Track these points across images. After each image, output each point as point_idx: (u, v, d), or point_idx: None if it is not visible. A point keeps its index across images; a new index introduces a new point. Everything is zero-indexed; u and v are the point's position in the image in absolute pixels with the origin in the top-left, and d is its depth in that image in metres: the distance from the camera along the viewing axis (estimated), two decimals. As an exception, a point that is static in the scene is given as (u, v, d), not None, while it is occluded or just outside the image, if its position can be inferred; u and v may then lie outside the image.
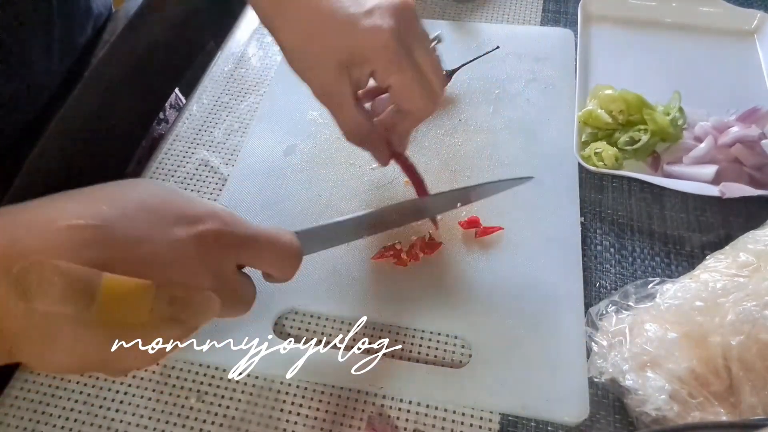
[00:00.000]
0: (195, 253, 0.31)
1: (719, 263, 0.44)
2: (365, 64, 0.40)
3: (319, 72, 0.41)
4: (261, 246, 0.35)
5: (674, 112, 0.55)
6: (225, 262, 0.33)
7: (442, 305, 0.47)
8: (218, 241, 0.32)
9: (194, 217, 0.32)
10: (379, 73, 0.40)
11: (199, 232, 0.31)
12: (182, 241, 0.31)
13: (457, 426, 0.42)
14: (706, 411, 0.38)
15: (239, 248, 0.34)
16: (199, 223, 0.32)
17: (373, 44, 0.39)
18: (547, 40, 0.66)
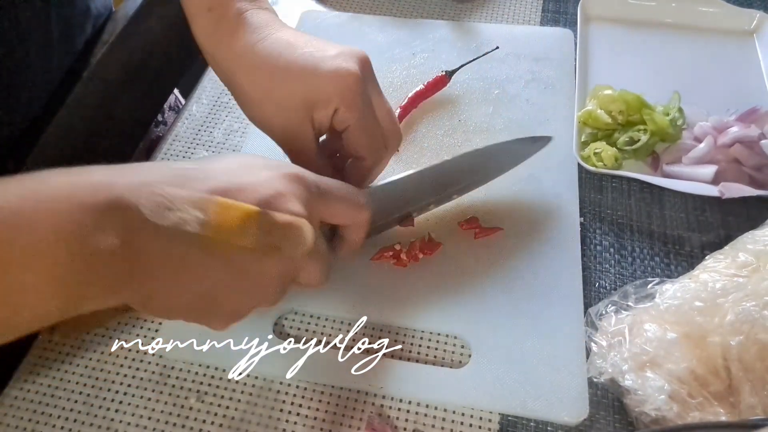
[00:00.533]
0: (285, 186, 0.35)
1: (719, 263, 0.44)
2: (330, 103, 0.42)
3: (282, 117, 0.43)
4: (333, 189, 0.39)
5: (674, 113, 0.55)
6: (309, 199, 0.37)
7: (442, 305, 0.47)
8: (300, 181, 0.37)
9: (277, 165, 0.37)
10: (341, 113, 0.42)
11: (283, 173, 0.36)
12: (273, 177, 0.35)
13: (457, 426, 0.42)
14: (706, 411, 0.38)
15: (317, 191, 0.38)
16: (282, 167, 0.37)
17: (339, 83, 0.41)
18: (547, 40, 0.66)
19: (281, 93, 0.42)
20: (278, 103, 0.43)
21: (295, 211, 0.35)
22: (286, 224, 0.34)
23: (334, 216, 0.40)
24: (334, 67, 0.42)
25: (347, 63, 0.42)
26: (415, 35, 0.68)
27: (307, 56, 0.42)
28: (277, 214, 0.34)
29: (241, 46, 0.43)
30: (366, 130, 0.44)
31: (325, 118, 0.43)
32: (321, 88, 0.42)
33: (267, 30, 0.44)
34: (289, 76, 0.42)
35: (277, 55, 0.42)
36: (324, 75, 0.41)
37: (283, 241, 0.34)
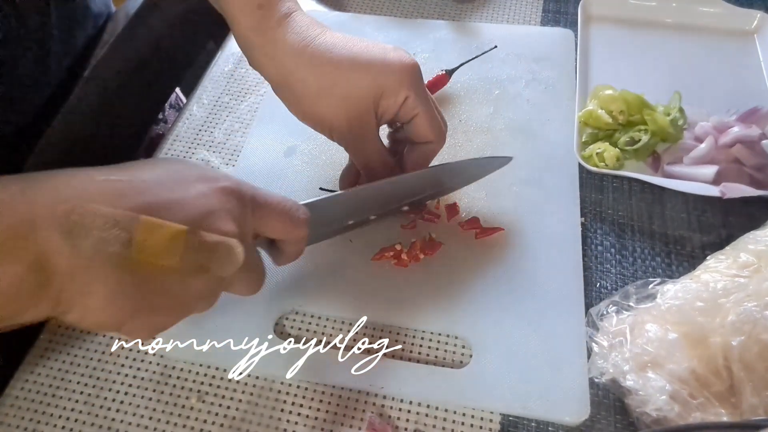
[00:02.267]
0: (217, 203, 0.34)
1: (720, 263, 0.44)
2: (400, 92, 0.43)
3: (346, 108, 0.43)
4: (270, 206, 0.38)
5: (674, 113, 0.55)
6: (243, 216, 0.36)
7: (442, 305, 0.47)
8: (235, 197, 0.35)
9: (213, 177, 0.35)
10: (411, 100, 0.44)
11: (218, 187, 0.35)
12: (205, 194, 0.34)
13: (458, 426, 0.42)
14: (707, 411, 0.38)
15: (253, 205, 0.36)
16: (217, 181, 0.35)
17: (408, 73, 0.43)
18: (547, 41, 0.66)
19: (348, 84, 0.43)
20: (344, 95, 0.43)
21: (226, 231, 0.34)
22: (214, 244, 0.33)
23: (270, 231, 0.39)
24: (399, 57, 0.43)
25: (407, 55, 0.44)
26: (415, 35, 0.68)
27: (371, 48, 0.43)
28: (206, 234, 0.32)
29: (298, 41, 0.43)
30: (434, 116, 0.45)
31: (394, 107, 0.44)
32: (390, 77, 0.43)
33: (319, 29, 0.44)
34: (357, 66, 0.43)
35: (341, 47, 0.43)
36: (393, 65, 0.43)
37: (212, 261, 0.33)
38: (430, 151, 0.47)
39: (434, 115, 0.45)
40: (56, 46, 0.56)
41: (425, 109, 0.44)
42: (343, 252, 0.50)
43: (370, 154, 0.46)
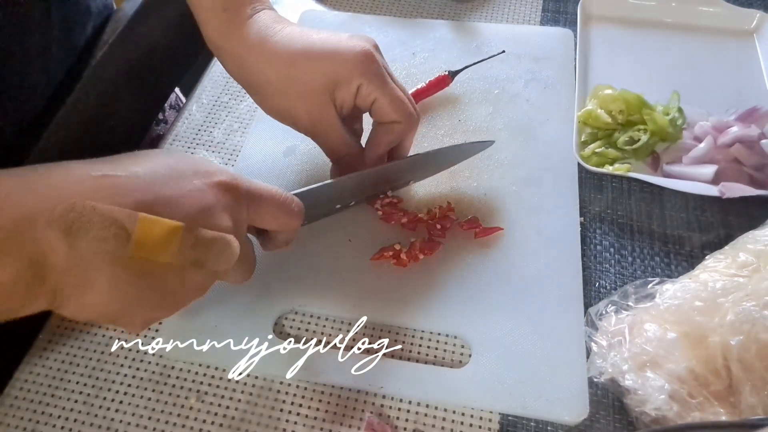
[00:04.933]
0: (213, 199, 0.34)
1: (719, 263, 0.44)
2: (352, 81, 0.44)
3: (306, 102, 0.45)
4: (265, 198, 0.38)
5: (674, 112, 0.55)
6: (238, 210, 0.36)
7: (442, 305, 0.47)
8: (231, 191, 0.36)
9: (208, 172, 0.35)
10: (365, 87, 0.44)
11: (214, 182, 0.35)
12: (201, 189, 0.34)
13: (457, 426, 0.42)
14: (706, 411, 0.38)
15: (248, 199, 0.37)
16: (213, 175, 0.35)
17: (359, 61, 0.44)
18: (547, 40, 0.66)
19: (303, 77, 0.44)
20: (301, 89, 0.44)
21: (222, 227, 0.34)
22: (211, 240, 0.33)
23: (266, 223, 0.40)
24: (350, 46, 0.44)
25: (362, 42, 0.45)
26: (415, 35, 0.68)
27: (324, 40, 0.45)
28: (202, 231, 0.33)
29: (258, 39, 0.45)
30: (394, 97, 0.46)
31: (349, 96, 0.45)
32: (342, 67, 0.44)
33: (280, 25, 0.46)
34: (309, 59, 0.44)
35: (295, 42, 0.44)
36: (343, 54, 0.44)
37: (208, 256, 0.33)
38: (400, 132, 0.48)
39: (395, 97, 0.46)
40: (56, 47, 0.56)
41: (382, 93, 0.45)
42: (343, 252, 0.50)
43: (333, 143, 0.48)
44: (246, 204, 0.37)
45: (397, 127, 0.47)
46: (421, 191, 0.54)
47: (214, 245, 0.33)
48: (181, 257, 0.32)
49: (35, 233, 0.29)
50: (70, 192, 0.30)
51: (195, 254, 0.33)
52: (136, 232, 0.30)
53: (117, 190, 0.31)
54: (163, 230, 0.31)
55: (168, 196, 0.32)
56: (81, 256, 0.29)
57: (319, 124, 0.46)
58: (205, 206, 0.34)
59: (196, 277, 0.34)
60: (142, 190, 0.32)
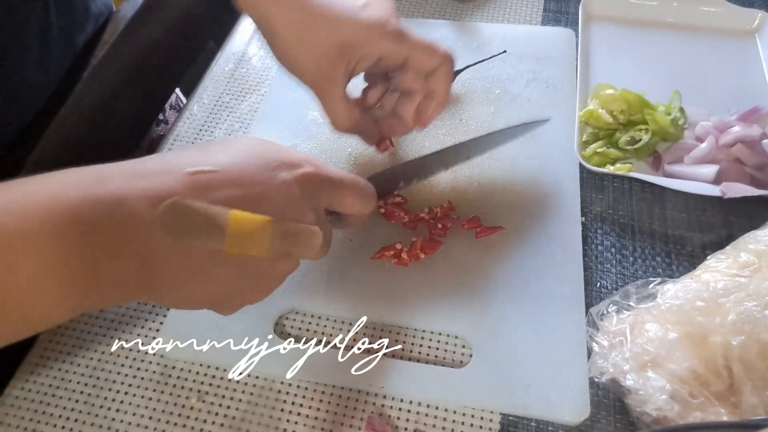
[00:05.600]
0: (299, 193, 0.35)
1: (720, 263, 0.44)
2: (370, 50, 0.44)
3: (314, 61, 0.45)
4: (346, 186, 0.40)
5: (675, 112, 0.55)
6: (321, 200, 0.38)
7: (442, 305, 0.46)
8: (315, 182, 0.37)
9: (293, 162, 0.36)
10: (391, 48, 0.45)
11: (300, 175, 0.36)
12: (287, 183, 0.35)
13: (458, 426, 0.42)
14: (707, 411, 0.38)
15: (330, 188, 0.38)
16: (299, 167, 0.36)
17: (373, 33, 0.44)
18: (548, 40, 0.66)
19: (318, 36, 0.44)
20: (311, 48, 0.45)
21: (308, 218, 0.35)
22: (298, 232, 0.35)
23: (345, 207, 0.41)
24: (368, 17, 0.44)
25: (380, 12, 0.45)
26: (415, 35, 0.67)
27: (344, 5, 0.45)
28: (290, 224, 0.34)
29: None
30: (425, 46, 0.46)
31: (367, 61, 0.45)
32: (359, 36, 0.44)
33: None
34: (328, 21, 0.44)
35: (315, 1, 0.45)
36: (361, 24, 0.44)
37: (295, 247, 0.35)
38: (444, 74, 0.48)
39: (426, 45, 0.46)
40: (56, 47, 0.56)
41: (412, 46, 0.45)
42: (343, 251, 0.50)
43: (335, 105, 0.47)
44: (328, 191, 0.38)
45: (441, 70, 0.48)
46: (423, 190, 0.54)
47: (301, 236, 0.35)
48: (271, 249, 0.33)
49: (140, 233, 0.30)
50: (171, 191, 0.31)
51: (283, 245, 0.34)
52: (229, 229, 0.31)
53: (209, 187, 0.32)
54: (254, 226, 0.32)
55: (257, 192, 0.34)
56: (182, 253, 0.31)
57: (326, 80, 0.46)
58: (293, 200, 0.35)
59: (284, 266, 0.37)
60: (232, 185, 0.33)
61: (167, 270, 0.31)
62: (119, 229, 0.30)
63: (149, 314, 0.48)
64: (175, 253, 0.31)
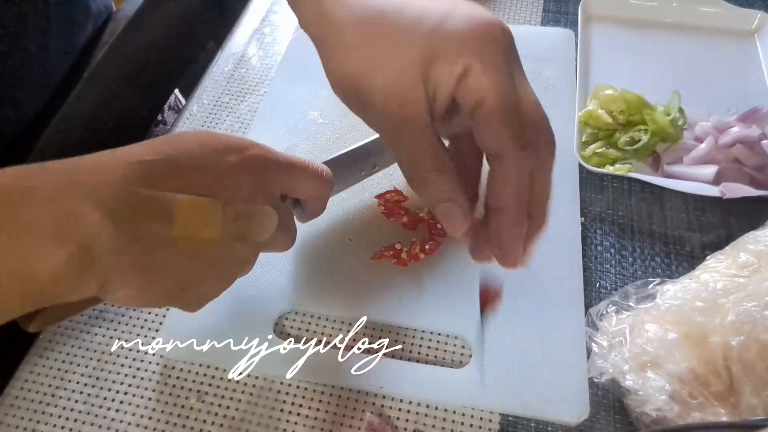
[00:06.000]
0: (248, 175, 0.35)
1: (719, 263, 0.44)
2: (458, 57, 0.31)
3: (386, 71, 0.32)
4: (297, 169, 0.39)
5: (674, 113, 0.55)
6: (273, 183, 0.37)
7: (442, 305, 0.47)
8: (264, 164, 0.36)
9: (240, 146, 0.36)
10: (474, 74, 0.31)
11: (247, 156, 0.35)
12: (235, 165, 0.34)
13: (457, 426, 0.42)
14: (707, 411, 0.38)
15: (281, 172, 0.38)
16: (246, 150, 0.36)
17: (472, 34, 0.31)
18: (548, 40, 0.66)
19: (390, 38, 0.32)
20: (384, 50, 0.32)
21: (259, 199, 0.35)
22: (250, 213, 0.35)
23: (299, 192, 0.40)
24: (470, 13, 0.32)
25: (488, 13, 0.32)
26: (415, 35, 0.67)
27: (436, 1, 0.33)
28: (240, 205, 0.34)
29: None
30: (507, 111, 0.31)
31: (448, 79, 0.31)
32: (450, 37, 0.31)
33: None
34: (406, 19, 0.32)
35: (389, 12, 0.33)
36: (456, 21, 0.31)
37: (249, 228, 0.35)
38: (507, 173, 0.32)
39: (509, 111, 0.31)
40: (56, 47, 0.56)
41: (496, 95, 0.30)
42: (343, 252, 0.50)
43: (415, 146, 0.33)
44: (279, 174, 0.38)
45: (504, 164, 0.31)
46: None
47: (254, 217, 0.35)
48: (224, 233, 0.33)
49: (83, 219, 0.29)
50: (117, 179, 0.30)
51: (237, 227, 0.34)
52: (178, 214, 0.31)
53: (156, 174, 0.32)
54: (204, 209, 0.32)
55: (205, 176, 0.33)
56: (129, 241, 0.30)
57: (399, 109, 0.32)
58: (241, 182, 0.35)
59: (242, 250, 0.36)
60: (179, 172, 0.32)
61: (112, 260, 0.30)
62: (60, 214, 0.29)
63: (149, 314, 0.48)
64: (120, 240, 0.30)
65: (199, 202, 0.32)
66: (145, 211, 0.30)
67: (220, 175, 0.34)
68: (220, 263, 0.35)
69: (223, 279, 0.37)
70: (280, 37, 0.70)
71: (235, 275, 0.37)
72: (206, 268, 0.34)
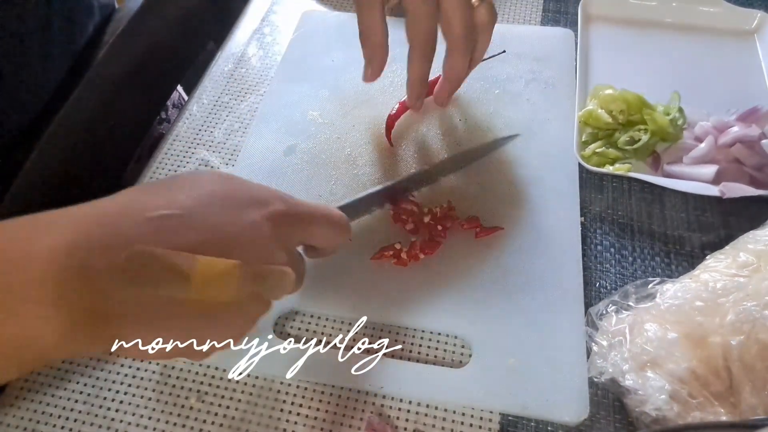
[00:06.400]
0: (269, 232, 0.34)
1: (719, 263, 0.44)
2: None
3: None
4: (318, 222, 0.38)
5: (674, 112, 0.55)
6: (292, 238, 0.36)
7: (442, 305, 0.47)
8: (286, 220, 0.35)
9: (262, 200, 0.35)
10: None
11: (269, 213, 0.34)
12: (257, 223, 0.33)
13: (457, 426, 0.42)
14: (706, 411, 0.38)
15: (301, 225, 0.37)
16: (269, 205, 0.35)
17: None
18: (548, 40, 0.66)
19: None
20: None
21: (278, 259, 0.34)
22: (268, 274, 0.33)
23: (316, 241, 0.40)
24: None
25: None
26: (415, 35, 0.67)
27: None
28: (259, 266, 0.32)
29: None
30: None
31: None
32: None
33: None
34: None
35: None
36: None
37: (265, 289, 0.33)
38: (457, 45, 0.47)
39: None
40: (56, 47, 0.56)
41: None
42: (343, 252, 0.50)
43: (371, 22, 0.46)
44: (300, 227, 0.37)
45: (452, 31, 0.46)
46: (423, 190, 0.54)
47: (271, 278, 0.33)
48: (240, 293, 0.32)
49: (93, 281, 0.28)
50: (131, 237, 0.29)
51: (253, 288, 0.32)
52: (193, 275, 0.29)
53: (174, 231, 0.31)
54: (221, 271, 0.30)
55: (224, 235, 0.32)
56: (142, 303, 0.29)
57: None
58: (262, 241, 0.33)
59: (255, 309, 0.35)
60: (198, 229, 0.31)
61: (119, 320, 0.29)
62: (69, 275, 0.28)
63: (149, 314, 0.48)
64: (132, 303, 0.29)
65: (217, 264, 0.30)
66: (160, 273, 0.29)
67: (240, 233, 0.33)
68: (234, 321, 0.34)
69: (234, 336, 0.35)
70: (280, 37, 0.70)
71: (246, 330, 0.35)
72: (217, 328, 0.33)
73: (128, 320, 0.29)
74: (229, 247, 0.32)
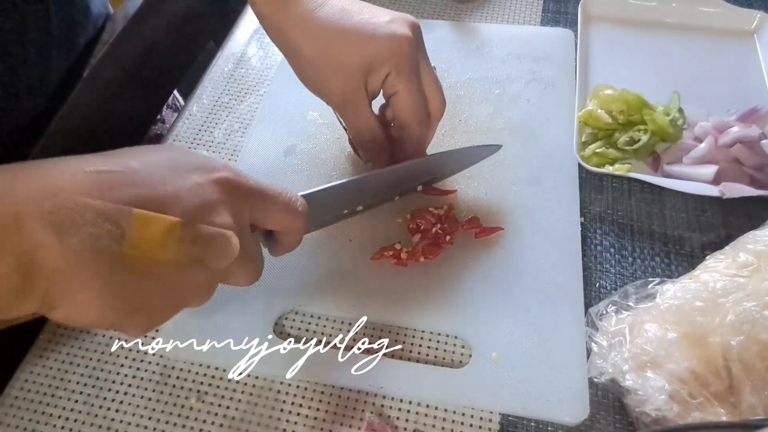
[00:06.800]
0: (213, 195, 0.33)
1: (719, 263, 0.44)
2: (383, 67, 0.44)
3: (339, 81, 0.45)
4: (269, 197, 0.37)
5: (674, 112, 0.55)
6: (240, 209, 0.35)
7: (442, 305, 0.47)
8: (233, 188, 0.35)
9: (210, 167, 0.34)
10: (392, 77, 0.45)
11: (215, 178, 0.34)
12: (201, 185, 0.33)
13: (457, 426, 0.42)
14: (706, 411, 0.38)
15: (251, 198, 0.36)
16: (215, 171, 0.34)
17: (392, 47, 0.44)
18: (547, 41, 0.66)
19: (338, 57, 0.45)
20: (335, 68, 0.45)
21: (221, 223, 0.33)
22: (210, 237, 0.32)
23: (269, 222, 0.38)
24: (389, 32, 0.44)
25: (401, 27, 0.45)
26: (415, 35, 0.67)
27: (364, 22, 0.45)
28: (201, 227, 0.31)
29: (301, 11, 0.45)
30: (411, 96, 0.46)
31: (378, 82, 0.45)
32: (376, 52, 0.44)
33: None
34: (346, 41, 0.44)
35: (335, 21, 0.45)
36: (379, 40, 0.44)
37: (207, 253, 0.32)
38: (412, 136, 0.48)
39: (412, 96, 0.46)
40: (56, 47, 0.56)
41: (405, 88, 0.45)
42: (343, 252, 0.50)
43: (360, 124, 0.48)
44: (248, 202, 0.36)
45: (409, 131, 0.48)
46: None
47: (214, 242, 0.32)
48: (180, 255, 0.30)
49: (23, 230, 0.27)
50: (62, 187, 0.28)
51: (194, 251, 0.31)
52: (131, 229, 0.28)
53: (111, 185, 0.29)
54: (160, 227, 0.29)
55: (166, 192, 0.31)
56: (72, 254, 0.28)
57: (350, 103, 0.47)
58: (205, 202, 0.32)
59: (197, 276, 0.33)
60: (138, 185, 0.30)
61: (55, 276, 0.28)
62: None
63: (149, 314, 0.48)
64: (64, 255, 0.27)
65: (155, 218, 0.29)
66: (93, 224, 0.28)
67: (183, 192, 0.32)
68: (173, 287, 0.32)
69: (173, 304, 0.33)
70: (280, 37, 0.70)
71: (187, 302, 0.34)
72: (157, 291, 0.31)
73: (60, 274, 0.28)
74: (170, 205, 0.31)
